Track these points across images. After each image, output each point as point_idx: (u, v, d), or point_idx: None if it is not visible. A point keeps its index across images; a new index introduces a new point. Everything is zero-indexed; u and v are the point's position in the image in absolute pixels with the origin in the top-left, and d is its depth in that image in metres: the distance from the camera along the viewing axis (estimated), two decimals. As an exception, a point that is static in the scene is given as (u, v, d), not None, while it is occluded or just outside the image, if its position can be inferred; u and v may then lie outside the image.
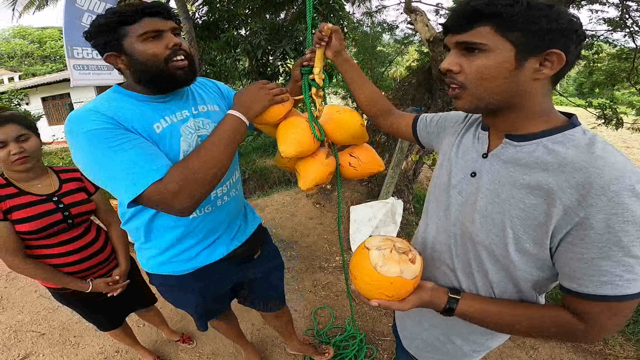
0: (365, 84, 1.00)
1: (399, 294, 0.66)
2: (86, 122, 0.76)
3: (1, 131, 1.09)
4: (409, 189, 3.26)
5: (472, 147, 0.71)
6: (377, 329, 2.01)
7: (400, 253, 0.67)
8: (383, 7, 6.58)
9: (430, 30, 2.95)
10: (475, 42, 0.56)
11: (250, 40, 4.75)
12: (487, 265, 0.66)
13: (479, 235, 0.64)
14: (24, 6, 9.63)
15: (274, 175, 4.98)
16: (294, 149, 0.91)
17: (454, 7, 0.61)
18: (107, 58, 0.83)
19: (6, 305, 2.36)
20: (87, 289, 1.27)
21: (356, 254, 0.72)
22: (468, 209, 0.67)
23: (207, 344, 1.92)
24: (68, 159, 6.03)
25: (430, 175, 5.04)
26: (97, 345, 1.94)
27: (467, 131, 0.76)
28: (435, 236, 0.77)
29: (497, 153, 0.64)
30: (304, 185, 0.97)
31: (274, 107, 0.94)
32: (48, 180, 1.23)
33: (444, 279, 0.75)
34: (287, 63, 5.74)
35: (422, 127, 0.92)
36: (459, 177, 0.70)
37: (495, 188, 0.62)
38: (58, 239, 1.20)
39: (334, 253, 2.77)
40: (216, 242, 1.08)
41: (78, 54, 3.31)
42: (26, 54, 31.29)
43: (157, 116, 0.87)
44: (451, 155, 0.75)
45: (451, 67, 0.61)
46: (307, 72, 0.98)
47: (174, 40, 0.82)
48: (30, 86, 10.98)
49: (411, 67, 5.56)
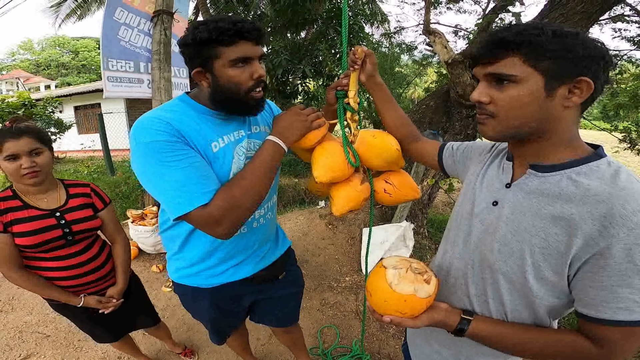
0: (394, 108, 1.01)
1: (412, 311, 0.68)
2: (150, 131, 0.78)
3: (15, 144, 1.08)
4: (423, 213, 3.20)
5: (497, 177, 0.71)
6: (384, 351, 1.95)
7: (416, 273, 0.69)
8: (402, 29, 6.69)
9: (449, 52, 2.96)
10: (505, 73, 0.57)
11: (271, 59, 4.90)
12: (503, 292, 0.66)
13: (497, 263, 0.65)
14: (66, 15, 10.21)
15: (289, 194, 5.00)
16: (328, 175, 0.90)
17: (483, 38, 0.63)
18: (195, 74, 0.85)
19: (16, 305, 2.41)
20: (78, 304, 1.25)
21: (373, 272, 0.74)
22: (488, 237, 0.67)
23: (210, 356, 1.91)
24: (93, 167, 6.28)
25: (446, 199, 4.93)
26: (100, 350, 1.95)
27: (492, 162, 0.76)
28: (453, 262, 0.78)
29: (520, 183, 0.65)
30: (337, 211, 0.95)
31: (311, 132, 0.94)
32: (55, 195, 1.21)
33: (459, 303, 0.76)
34: (306, 82, 5.86)
35: (447, 155, 0.92)
36: (482, 206, 0.71)
37: (516, 217, 0.62)
38: (55, 253, 1.19)
39: (344, 274, 2.73)
40: (244, 262, 1.09)
41: (112, 66, 3.50)
42: (62, 64, 33.28)
43: (215, 134, 0.88)
44: (476, 185, 0.76)
45: (481, 99, 0.61)
46: (342, 95, 0.97)
47: (259, 72, 0.84)
48: (64, 95, 11.61)
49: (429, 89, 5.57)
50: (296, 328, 1.53)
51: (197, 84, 0.89)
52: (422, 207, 3.18)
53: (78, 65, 33.01)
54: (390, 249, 2.74)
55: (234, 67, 0.81)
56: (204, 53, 0.80)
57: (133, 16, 3.56)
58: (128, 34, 3.55)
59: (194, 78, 0.87)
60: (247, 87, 0.84)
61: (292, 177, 5.77)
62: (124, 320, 1.48)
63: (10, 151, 1.08)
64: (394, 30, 6.67)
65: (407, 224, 2.81)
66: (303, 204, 4.79)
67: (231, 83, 0.82)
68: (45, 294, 1.22)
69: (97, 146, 6.77)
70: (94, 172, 5.80)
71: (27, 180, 1.12)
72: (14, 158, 1.09)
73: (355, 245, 3.01)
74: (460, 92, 2.62)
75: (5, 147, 1.08)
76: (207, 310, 1.16)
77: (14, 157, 1.09)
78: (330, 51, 5.16)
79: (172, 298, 2.45)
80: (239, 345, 1.57)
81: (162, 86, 3.14)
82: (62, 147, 8.59)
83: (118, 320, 1.42)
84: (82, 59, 33.06)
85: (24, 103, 6.88)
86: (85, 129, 11.94)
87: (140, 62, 3.72)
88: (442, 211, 4.45)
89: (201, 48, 0.80)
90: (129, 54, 3.61)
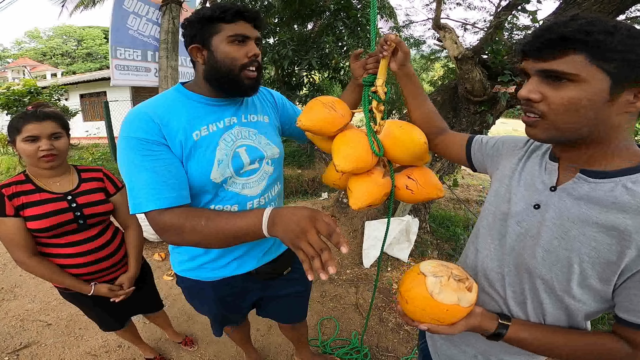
0: (424, 100, 0.97)
1: (452, 320, 0.66)
2: (131, 126, 0.82)
3: (37, 126, 1.09)
4: (426, 208, 3.19)
5: (538, 177, 0.67)
6: (382, 344, 1.96)
7: (457, 281, 0.66)
8: (410, 22, 6.60)
9: (459, 47, 2.92)
10: (565, 72, 0.52)
11: (278, 50, 4.86)
12: (542, 296, 0.64)
13: (539, 269, 0.63)
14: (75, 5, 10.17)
15: (292, 184, 5.01)
16: (351, 164, 0.83)
17: (536, 30, 0.56)
18: (191, 50, 0.88)
19: (19, 293, 2.42)
20: (89, 292, 1.25)
21: (409, 278, 0.71)
22: (528, 241, 0.65)
23: (210, 346, 1.93)
24: (98, 154, 6.32)
25: (449, 195, 4.89)
26: (101, 338, 1.97)
27: (529, 158, 0.72)
28: (486, 263, 0.75)
29: (567, 188, 0.61)
30: (355, 205, 0.87)
31: (332, 117, 0.87)
32: (68, 178, 1.22)
33: (492, 304, 0.74)
34: (311, 74, 5.81)
35: (476, 148, 0.87)
36: (520, 207, 0.67)
37: (563, 224, 0.60)
38: (68, 239, 1.19)
39: (345, 266, 2.74)
40: (247, 255, 1.07)
41: (121, 54, 3.50)
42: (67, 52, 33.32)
43: (202, 122, 0.89)
44: (511, 183, 0.71)
45: (532, 96, 0.56)
46: (368, 83, 0.92)
47: (254, 50, 0.88)
48: (70, 83, 11.65)
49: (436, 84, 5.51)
50: (302, 324, 1.53)
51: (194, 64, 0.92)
52: (425, 202, 3.17)
53: (84, 54, 33.04)
54: (392, 243, 2.73)
55: (231, 43, 0.85)
56: (205, 29, 0.85)
57: (142, 5, 3.55)
58: (137, 22, 3.55)
59: (190, 54, 0.90)
60: (241, 63, 0.86)
61: (296, 168, 5.77)
62: (132, 307, 1.48)
63: (31, 133, 1.09)
64: (403, 24, 6.58)
65: (411, 218, 2.80)
66: (306, 195, 4.79)
67: (227, 58, 0.85)
68: (57, 281, 1.21)
69: (101, 133, 6.80)
70: (98, 159, 5.84)
71: (43, 164, 1.13)
72: (33, 140, 1.10)
73: (357, 238, 3.01)
74: (468, 88, 2.59)
75: (26, 128, 1.09)
76: (210, 305, 1.15)
77: (33, 139, 1.10)
78: (337, 44, 5.11)
79: (173, 287, 2.47)
80: (240, 337, 1.57)
81: (169, 75, 3.13)
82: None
83: (126, 307, 1.42)
84: (88, 47, 33.07)
85: (30, 90, 6.91)
86: (91, 116, 12.00)
87: (147, 50, 3.71)
88: (444, 207, 4.43)
89: (203, 25, 0.85)
90: (137, 43, 3.61)
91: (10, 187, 1.11)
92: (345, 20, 4.99)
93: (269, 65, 5.78)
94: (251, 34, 0.87)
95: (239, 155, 0.94)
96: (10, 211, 1.09)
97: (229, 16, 0.83)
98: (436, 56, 6.72)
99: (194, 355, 1.87)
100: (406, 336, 2.03)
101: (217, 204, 0.95)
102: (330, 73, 5.54)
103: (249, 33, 0.86)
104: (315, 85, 6.06)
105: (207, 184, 0.89)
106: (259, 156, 0.99)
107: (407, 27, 6.58)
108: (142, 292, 1.47)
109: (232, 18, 0.84)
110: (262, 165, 1.00)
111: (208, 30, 0.85)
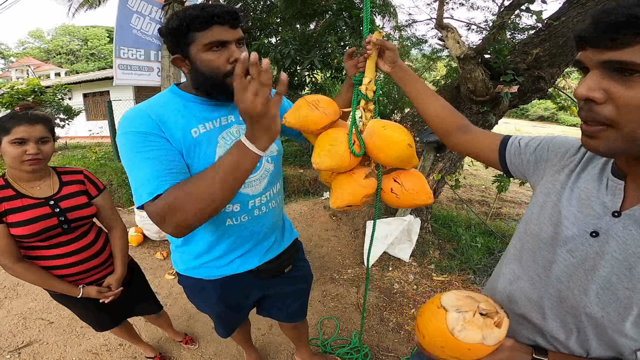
0: (431, 96, 0.87)
1: (474, 358, 0.59)
2: (131, 123, 0.81)
3: (28, 129, 1.07)
4: (428, 208, 3.18)
5: (596, 197, 0.56)
6: (382, 344, 1.96)
7: (485, 316, 0.58)
8: (413, 22, 6.57)
9: (461, 47, 2.90)
10: (638, 63, 0.40)
11: (280, 50, 4.86)
12: (588, 332, 0.56)
13: (590, 307, 0.54)
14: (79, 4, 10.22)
15: (294, 184, 5.01)
16: (326, 163, 0.81)
17: (598, 13, 0.44)
18: (174, 60, 0.86)
19: (21, 292, 2.43)
20: (78, 295, 1.24)
21: (427, 310, 0.63)
22: (581, 274, 0.55)
23: (210, 344, 1.94)
24: (101, 153, 6.35)
25: (451, 195, 4.87)
26: (102, 337, 1.97)
27: (584, 169, 0.60)
28: (525, 291, 0.65)
29: (636, 214, 0.51)
30: (334, 204, 0.86)
31: (315, 115, 0.85)
32: (48, 182, 1.19)
33: (527, 338, 0.65)
34: (314, 74, 5.81)
35: (513, 152, 0.74)
36: (572, 232, 0.57)
37: (627, 258, 0.50)
38: (52, 242, 1.18)
39: (347, 266, 2.73)
40: (249, 253, 1.07)
41: (124, 53, 3.51)
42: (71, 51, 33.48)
43: (198, 121, 0.89)
44: (561, 201, 0.60)
45: (593, 95, 0.44)
46: (358, 82, 0.90)
47: (235, 55, 0.82)
48: (74, 82, 11.71)
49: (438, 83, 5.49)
50: (303, 323, 1.53)
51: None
52: (427, 202, 3.16)
53: (87, 54, 33.19)
54: (393, 243, 2.73)
55: (209, 51, 0.81)
56: (180, 40, 0.82)
57: (145, 4, 3.56)
58: (140, 22, 3.56)
59: (174, 64, 0.88)
60: (224, 70, 0.83)
61: (297, 167, 5.77)
62: (125, 307, 1.47)
63: (20, 135, 1.07)
64: (406, 23, 6.56)
65: (413, 218, 2.79)
66: (308, 194, 4.79)
67: (207, 67, 0.82)
68: (46, 285, 1.20)
69: (104, 132, 6.82)
70: (101, 158, 5.86)
71: (26, 167, 1.10)
72: (20, 143, 1.08)
73: (358, 238, 3.01)
74: (471, 88, 2.58)
75: (17, 130, 1.07)
76: (213, 304, 1.15)
77: (21, 142, 1.08)
78: (339, 43, 5.10)
79: (174, 286, 2.48)
80: (241, 337, 1.57)
81: (171, 74, 3.14)
82: (70, 133, 8.70)
83: (118, 307, 1.41)
84: (92, 47, 33.22)
85: (34, 90, 6.94)
86: (94, 115, 12.07)
87: (150, 50, 3.72)
88: (446, 207, 4.42)
89: (176, 36, 0.82)
90: (140, 42, 3.62)
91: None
92: (347, 20, 4.98)
93: (271, 65, 5.77)
94: (228, 37, 0.81)
95: None
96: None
97: (198, 25, 0.78)
98: (438, 55, 6.70)
99: (195, 353, 1.88)
100: (406, 336, 2.03)
101: None
102: (333, 73, 5.53)
103: (227, 37, 0.81)
104: (317, 85, 6.06)
105: None
106: None
107: (410, 27, 6.57)
108: (134, 293, 1.46)
109: (203, 25, 0.78)
110: (262, 163, 1.00)
111: (183, 40, 0.81)
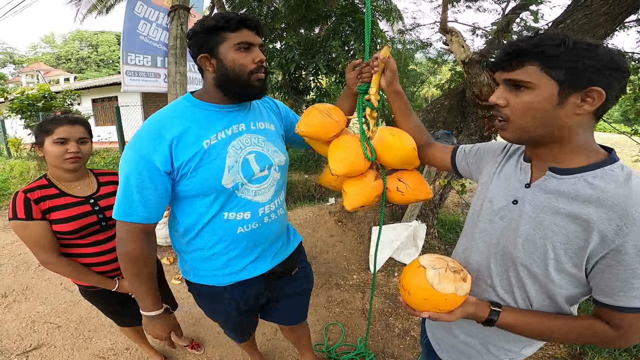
0: (411, 116, 1.04)
1: (450, 308, 0.73)
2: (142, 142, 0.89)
3: (68, 129, 1.16)
4: (434, 213, 3.16)
5: (514, 177, 0.76)
6: (388, 350, 1.95)
7: (454, 272, 0.74)
8: (417, 26, 6.59)
9: (466, 51, 2.90)
10: (521, 80, 0.62)
11: (285, 55, 4.90)
12: (526, 282, 0.72)
13: (520, 257, 0.70)
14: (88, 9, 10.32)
15: (299, 189, 5.02)
16: (345, 168, 0.91)
17: (504, 46, 0.66)
18: (199, 59, 0.92)
19: (30, 295, 2.46)
20: (114, 288, 1.31)
21: (409, 271, 0.78)
22: (510, 233, 0.73)
23: (216, 349, 1.94)
24: (109, 159, 6.44)
25: (457, 200, 4.86)
26: (109, 341, 1.99)
27: (507, 161, 0.81)
28: (475, 256, 0.82)
29: (539, 184, 0.69)
30: (349, 205, 0.97)
31: (327, 123, 0.95)
32: (87, 182, 1.28)
33: (484, 294, 0.81)
34: (318, 79, 5.83)
35: (460, 158, 0.96)
36: (501, 203, 0.76)
37: (538, 215, 0.68)
38: (91, 239, 1.25)
39: (352, 271, 2.72)
40: (259, 258, 1.11)
41: (131, 60, 3.56)
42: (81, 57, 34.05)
43: (211, 130, 0.94)
44: (492, 184, 0.80)
45: (499, 101, 0.67)
46: (362, 91, 0.99)
47: (260, 56, 0.92)
48: (83, 88, 11.88)
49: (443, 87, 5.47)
50: (303, 326, 1.54)
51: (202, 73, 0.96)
52: (433, 207, 3.14)
53: (97, 60, 33.72)
54: (399, 249, 2.72)
55: (238, 50, 0.89)
56: (211, 39, 0.89)
57: (152, 10, 3.61)
58: (147, 28, 3.61)
59: (200, 64, 0.94)
60: (250, 69, 0.91)
61: (303, 173, 5.79)
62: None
63: (62, 135, 1.15)
64: (410, 27, 6.58)
65: (419, 224, 2.78)
66: (313, 200, 4.80)
67: (236, 65, 0.90)
68: (83, 279, 1.27)
69: (112, 138, 6.91)
70: (109, 164, 5.94)
71: (67, 165, 1.17)
72: (62, 142, 1.15)
73: (364, 243, 3.00)
74: (476, 92, 2.57)
75: (58, 130, 1.15)
76: (225, 310, 1.16)
77: (63, 141, 1.15)
78: (343, 48, 5.13)
79: (180, 291, 2.49)
80: (246, 342, 1.57)
81: (178, 80, 3.17)
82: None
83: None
84: (102, 53, 33.76)
85: (44, 95, 7.06)
86: (102, 121, 12.21)
87: (157, 56, 3.77)
88: (452, 212, 4.39)
89: (209, 35, 0.89)
90: (147, 48, 3.67)
91: (35, 192, 1.15)
92: (352, 25, 5.01)
93: (276, 70, 5.83)
94: (255, 40, 0.91)
95: (249, 162, 0.98)
96: (37, 215, 1.13)
97: (232, 25, 0.88)
98: (443, 59, 6.69)
99: (200, 358, 1.88)
100: (412, 342, 2.01)
101: (230, 211, 0.98)
102: (337, 77, 5.56)
103: (253, 40, 0.91)
104: (322, 90, 6.08)
105: (218, 189, 0.94)
106: (268, 164, 1.02)
107: (414, 30, 6.58)
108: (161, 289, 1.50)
109: (235, 27, 0.88)
110: (270, 172, 1.04)
111: (214, 39, 0.89)
